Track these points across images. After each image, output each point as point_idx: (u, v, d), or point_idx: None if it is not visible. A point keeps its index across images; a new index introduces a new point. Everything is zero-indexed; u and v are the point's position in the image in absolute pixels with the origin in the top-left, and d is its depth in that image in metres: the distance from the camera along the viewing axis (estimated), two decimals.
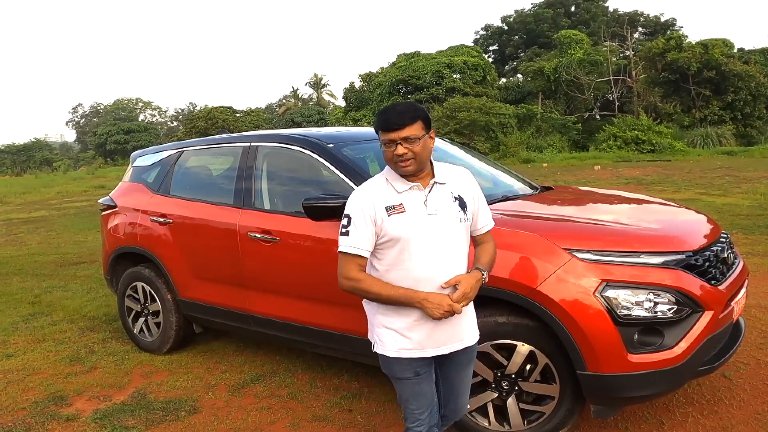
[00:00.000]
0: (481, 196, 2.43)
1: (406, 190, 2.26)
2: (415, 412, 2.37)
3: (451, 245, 2.27)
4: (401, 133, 2.18)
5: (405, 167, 2.22)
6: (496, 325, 2.99)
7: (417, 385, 2.34)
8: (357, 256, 2.24)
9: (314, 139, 3.92)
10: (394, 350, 2.30)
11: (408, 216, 2.23)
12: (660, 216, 3.63)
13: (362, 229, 2.23)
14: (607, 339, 2.74)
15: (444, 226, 2.26)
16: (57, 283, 7.67)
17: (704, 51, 28.71)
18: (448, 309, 2.17)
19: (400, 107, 2.23)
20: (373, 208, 2.23)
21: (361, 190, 2.31)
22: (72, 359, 4.82)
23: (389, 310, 2.28)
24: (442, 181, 2.32)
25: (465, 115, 26.64)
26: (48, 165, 56.53)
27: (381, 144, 2.25)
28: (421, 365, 2.33)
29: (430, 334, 2.27)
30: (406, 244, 2.22)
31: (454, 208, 2.29)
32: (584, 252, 2.85)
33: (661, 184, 14.92)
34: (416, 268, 2.23)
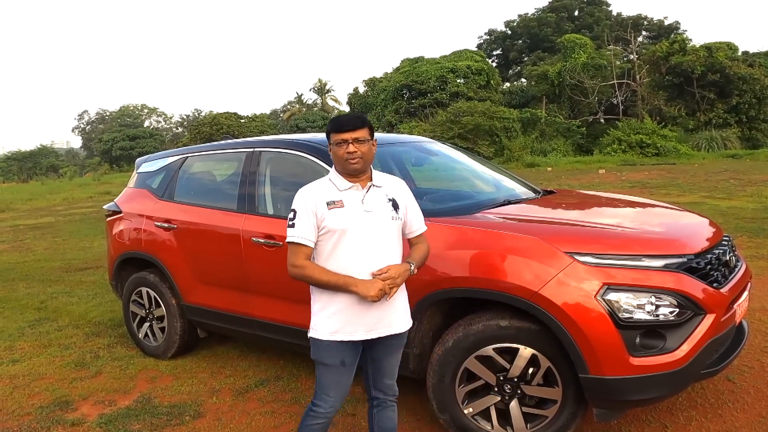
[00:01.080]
0: (415, 204, 2.74)
1: (347, 189, 2.56)
2: (331, 399, 2.62)
3: (382, 240, 2.54)
4: (353, 134, 2.51)
5: (354, 164, 2.52)
6: (498, 328, 3.00)
7: (340, 375, 2.59)
8: (302, 245, 2.51)
9: (317, 144, 3.94)
10: (326, 334, 2.53)
11: (346, 211, 2.51)
12: (662, 219, 3.63)
13: (305, 222, 2.51)
14: (608, 342, 2.74)
15: (377, 223, 2.54)
16: (63, 288, 7.71)
17: (708, 54, 28.66)
18: (381, 288, 2.43)
19: (353, 115, 2.60)
20: (315, 203, 2.52)
21: (307, 188, 2.60)
22: (77, 364, 4.85)
23: (325, 295, 2.54)
24: (379, 185, 2.63)
25: (469, 120, 26.65)
26: (54, 171, 56.84)
27: (332, 146, 2.55)
28: (348, 354, 2.57)
29: (360, 319, 2.51)
30: (342, 236, 2.49)
31: (388, 207, 2.59)
32: (585, 255, 2.86)
33: (666, 187, 14.88)
34: (350, 258, 2.49)
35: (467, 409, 3.14)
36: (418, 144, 4.81)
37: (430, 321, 3.35)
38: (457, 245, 3.13)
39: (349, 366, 2.60)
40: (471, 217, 3.42)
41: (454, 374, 3.11)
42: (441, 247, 3.15)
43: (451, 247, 3.14)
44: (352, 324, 2.51)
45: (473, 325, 3.06)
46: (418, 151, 4.75)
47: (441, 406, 3.19)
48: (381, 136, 5.32)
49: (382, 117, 34.06)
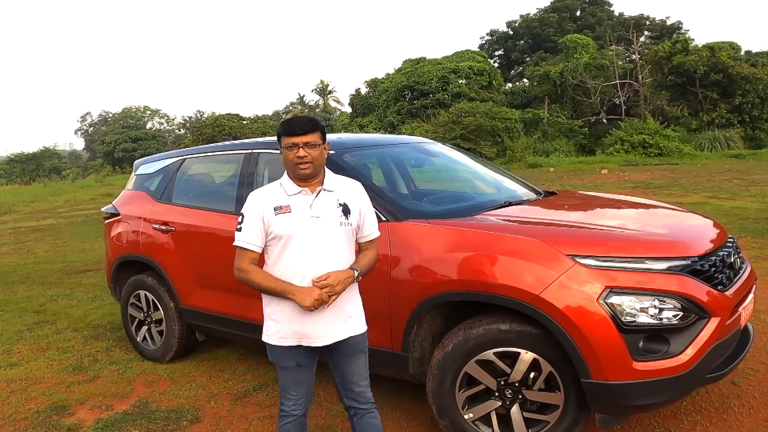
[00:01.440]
0: (370, 208, 2.69)
1: (295, 194, 2.53)
2: (293, 397, 2.64)
3: (329, 246, 2.50)
4: (304, 138, 2.46)
5: (304, 169, 2.48)
6: (498, 332, 2.95)
7: (298, 375, 2.61)
8: (248, 250, 2.51)
9: None
10: (275, 339, 2.55)
11: (293, 216, 2.49)
12: (665, 221, 3.58)
13: (252, 227, 2.50)
14: (611, 346, 2.69)
15: (325, 228, 2.50)
16: (62, 291, 7.68)
17: (711, 54, 28.54)
18: (317, 298, 2.40)
19: (304, 118, 2.54)
20: (263, 208, 2.50)
21: (256, 193, 2.59)
22: (75, 368, 4.81)
23: (272, 301, 2.54)
24: (330, 189, 2.58)
25: (471, 120, 26.58)
26: (57, 173, 56.85)
27: (282, 149, 2.51)
28: (303, 356, 2.58)
29: (305, 326, 2.50)
30: (289, 241, 2.47)
31: (337, 213, 2.54)
32: (587, 258, 2.81)
33: (669, 187, 14.81)
34: (295, 263, 2.47)
35: (467, 415, 3.08)
36: (417, 145, 4.77)
37: (429, 324, 3.30)
38: (456, 248, 3.08)
39: (306, 366, 2.61)
40: (471, 219, 3.38)
41: (454, 379, 3.06)
42: (441, 250, 3.10)
43: (451, 249, 3.09)
44: (298, 331, 2.51)
45: (473, 329, 3.01)
46: (418, 152, 4.71)
47: (441, 411, 3.14)
48: (380, 137, 5.30)
49: (384, 118, 34.02)
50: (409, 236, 3.26)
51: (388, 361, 3.38)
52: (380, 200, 3.46)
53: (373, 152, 4.46)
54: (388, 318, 3.31)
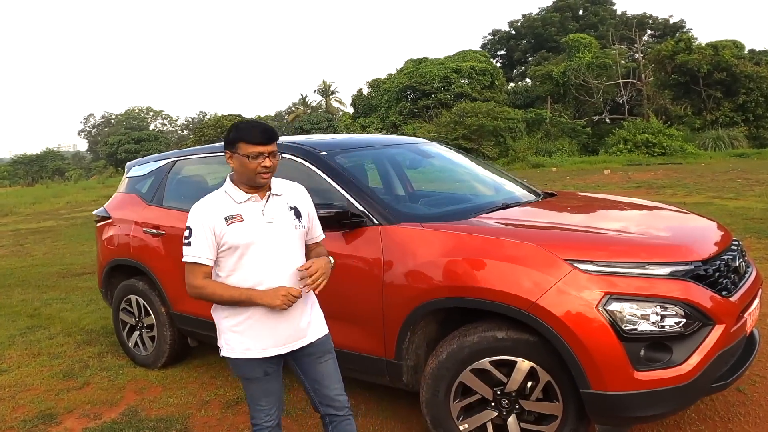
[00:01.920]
0: (314, 210, 2.66)
1: (244, 201, 2.44)
2: (265, 408, 2.55)
3: (286, 251, 2.46)
4: (269, 147, 2.38)
5: (266, 178, 2.42)
6: (494, 340, 2.84)
7: (267, 384, 2.52)
8: (201, 264, 2.39)
9: (306, 146, 3.80)
10: (240, 352, 2.45)
11: (246, 225, 2.40)
12: (667, 223, 3.46)
13: (203, 240, 2.38)
14: (611, 355, 2.57)
15: (280, 233, 2.45)
16: (58, 294, 7.59)
17: (714, 53, 28.36)
18: (285, 294, 2.34)
19: (264, 125, 2.44)
20: (213, 219, 2.39)
21: (201, 203, 2.47)
22: (66, 374, 4.71)
23: (234, 314, 2.43)
24: (278, 193, 2.52)
25: (473, 120, 26.46)
26: (60, 175, 56.90)
27: (240, 156, 2.38)
28: (269, 364, 2.49)
29: (270, 333, 2.43)
30: (245, 251, 2.39)
31: (290, 216, 2.50)
32: (586, 263, 2.69)
33: (672, 187, 14.67)
34: (254, 272, 2.40)
35: (463, 425, 2.97)
36: (413, 146, 4.66)
37: (424, 331, 3.20)
38: (451, 252, 2.97)
39: (274, 374, 2.54)
40: (466, 222, 3.27)
41: (448, 388, 2.96)
42: (434, 255, 3.00)
43: (445, 254, 2.98)
44: (263, 340, 2.44)
45: (468, 337, 2.90)
46: (414, 153, 4.60)
47: (435, 421, 3.03)
48: (375, 137, 5.20)
49: (386, 118, 33.92)
50: (402, 240, 3.15)
51: (381, 369, 3.28)
52: (372, 203, 3.36)
53: (366, 153, 4.36)
54: (380, 324, 3.21)
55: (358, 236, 3.32)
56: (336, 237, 3.37)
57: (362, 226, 3.30)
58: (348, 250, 3.33)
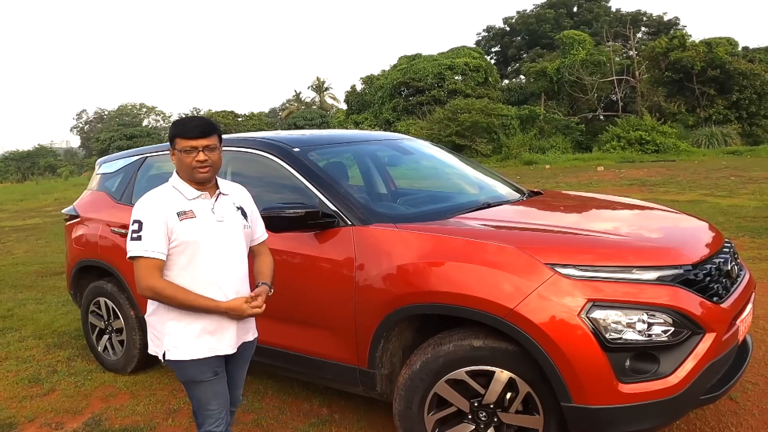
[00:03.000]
0: (257, 211, 2.67)
1: (195, 198, 2.40)
2: (215, 412, 2.48)
3: (235, 250, 2.45)
4: (204, 141, 2.34)
5: (204, 173, 2.37)
6: (471, 349, 2.66)
7: (217, 384, 2.47)
8: (154, 259, 2.29)
9: (278, 142, 3.61)
10: (192, 353, 2.38)
11: (198, 221, 2.36)
12: (656, 224, 3.28)
13: (156, 233, 2.29)
14: (594, 367, 2.40)
15: (230, 232, 2.44)
16: (34, 295, 7.37)
17: (708, 50, 28.28)
18: (250, 314, 2.40)
19: (201, 119, 2.41)
20: (164, 212, 2.32)
21: (150, 196, 2.40)
22: (31, 380, 4.51)
23: (185, 315, 2.36)
24: (226, 192, 2.51)
25: (466, 117, 26.27)
26: (52, 171, 56.50)
27: (177, 152, 2.36)
28: (218, 364, 2.46)
29: (223, 334, 2.42)
30: (197, 249, 2.34)
31: (238, 216, 2.50)
32: (568, 267, 2.52)
33: (665, 185, 14.55)
34: (206, 272, 2.36)
35: None
36: (392, 142, 4.46)
37: (399, 338, 3.02)
38: (425, 255, 2.79)
39: (221, 374, 2.51)
40: (443, 222, 3.09)
41: (422, 400, 2.77)
42: (409, 258, 2.82)
43: (420, 257, 2.79)
44: (215, 340, 2.41)
45: (443, 345, 2.72)
46: (393, 150, 4.41)
47: None
48: (353, 133, 5.00)
49: (380, 115, 33.70)
50: (376, 242, 2.97)
51: (354, 378, 3.10)
52: (345, 202, 3.18)
53: (343, 149, 4.17)
54: (352, 331, 3.03)
55: (330, 237, 3.13)
56: (307, 238, 3.19)
57: (334, 226, 3.12)
58: (319, 252, 3.15)
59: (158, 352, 2.46)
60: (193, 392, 2.48)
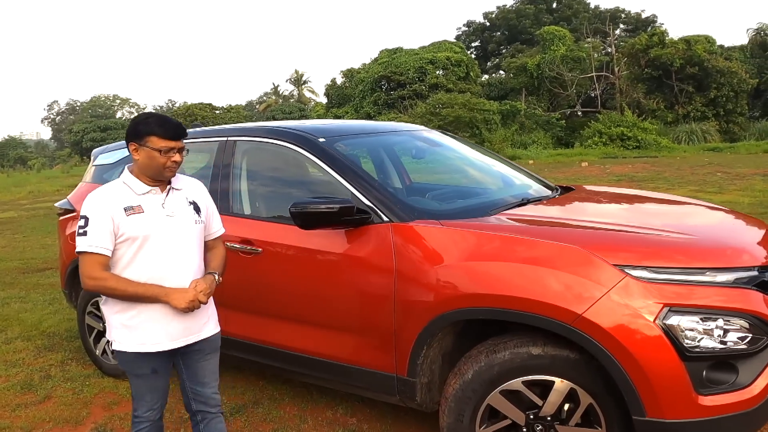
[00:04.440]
0: (213, 205, 2.68)
1: (145, 193, 2.41)
2: (149, 402, 2.53)
3: (186, 245, 2.45)
4: (180, 143, 2.40)
5: (173, 173, 2.44)
6: (529, 357, 2.45)
7: (155, 381, 2.50)
8: (99, 255, 2.31)
9: (302, 132, 3.36)
10: (132, 346, 2.41)
11: (146, 216, 2.37)
12: (719, 223, 3.11)
13: (101, 229, 2.31)
14: (672, 377, 2.21)
15: (180, 227, 2.44)
16: (17, 293, 7.00)
17: (687, 47, 28.51)
18: (192, 298, 2.35)
19: (176, 120, 2.44)
20: (111, 208, 2.33)
21: (98, 192, 2.40)
22: (24, 386, 4.21)
23: (127, 307, 2.39)
24: (178, 187, 2.52)
25: (449, 112, 26.15)
26: (22, 164, 55.12)
27: (149, 149, 2.34)
28: (158, 362, 2.47)
29: (165, 329, 2.41)
30: (144, 243, 2.36)
31: (190, 211, 2.50)
32: (639, 269, 2.32)
33: (654, 181, 14.55)
34: (152, 266, 2.37)
35: None
36: (416, 133, 4.21)
37: (440, 344, 2.80)
38: (479, 255, 2.58)
39: (162, 372, 2.51)
40: (487, 219, 2.87)
41: (474, 412, 2.56)
42: (458, 258, 2.60)
43: (472, 257, 2.58)
44: (158, 334, 2.41)
45: (498, 353, 2.51)
46: (418, 141, 4.16)
47: None
48: (374, 124, 4.75)
49: (361, 108, 33.41)
50: (418, 240, 2.74)
51: (391, 387, 2.87)
52: (381, 196, 2.94)
53: (366, 141, 3.94)
54: (390, 336, 2.81)
55: (363, 235, 2.90)
56: (337, 235, 2.96)
57: (369, 223, 2.89)
58: (352, 251, 2.92)
59: (109, 339, 2.51)
60: (131, 381, 2.54)
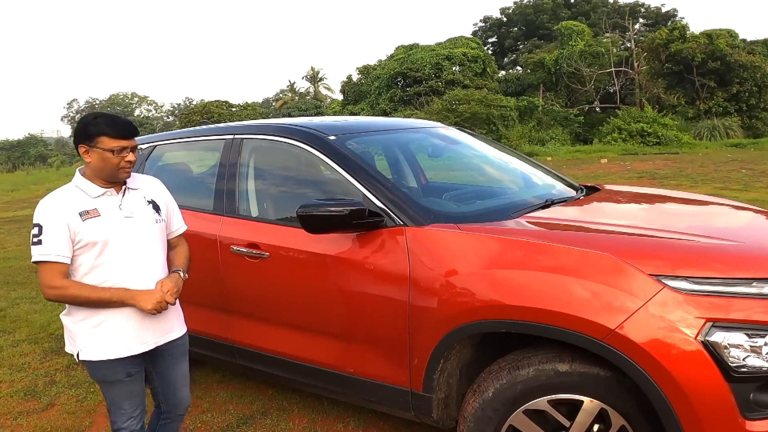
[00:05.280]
0: (174, 202, 2.65)
1: (100, 196, 2.35)
2: (128, 410, 2.43)
3: (148, 246, 2.40)
4: (132, 142, 2.34)
5: (128, 174, 2.38)
6: (555, 374, 2.25)
7: (131, 385, 2.42)
8: (56, 263, 2.25)
9: (312, 130, 3.18)
10: (104, 354, 2.34)
11: (103, 220, 2.31)
12: (761, 227, 2.87)
13: (56, 236, 2.25)
14: (716, 400, 2.00)
15: (141, 228, 2.39)
16: (28, 293, 6.91)
17: (709, 41, 27.92)
18: (159, 299, 2.30)
19: (125, 118, 2.40)
20: (65, 214, 2.27)
21: (50, 198, 2.34)
22: (27, 392, 4.08)
23: (93, 313, 2.32)
24: (135, 187, 2.46)
25: (465, 108, 25.85)
26: (43, 161, 55.72)
27: (100, 150, 2.29)
28: (133, 365, 2.40)
29: (137, 332, 2.36)
30: (104, 247, 2.29)
31: (149, 210, 2.45)
32: (678, 279, 2.10)
33: (676, 178, 14.20)
34: (115, 270, 2.31)
35: None
36: (433, 130, 4.00)
37: (457, 356, 2.60)
38: (501, 263, 2.37)
39: (137, 376, 2.44)
40: (509, 222, 2.67)
41: None
42: (480, 265, 2.40)
43: (494, 264, 2.38)
44: (127, 339, 2.35)
45: (521, 370, 2.31)
46: (435, 138, 3.95)
47: None
48: (388, 121, 4.55)
49: (376, 105, 33.21)
50: (435, 246, 2.54)
51: (405, 402, 2.69)
52: (395, 198, 2.75)
53: (379, 138, 3.74)
54: (405, 348, 2.62)
55: (375, 240, 2.71)
56: (347, 240, 2.77)
57: (381, 227, 2.70)
58: (361, 257, 2.73)
59: (73, 351, 2.41)
60: (106, 392, 2.45)
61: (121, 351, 2.34)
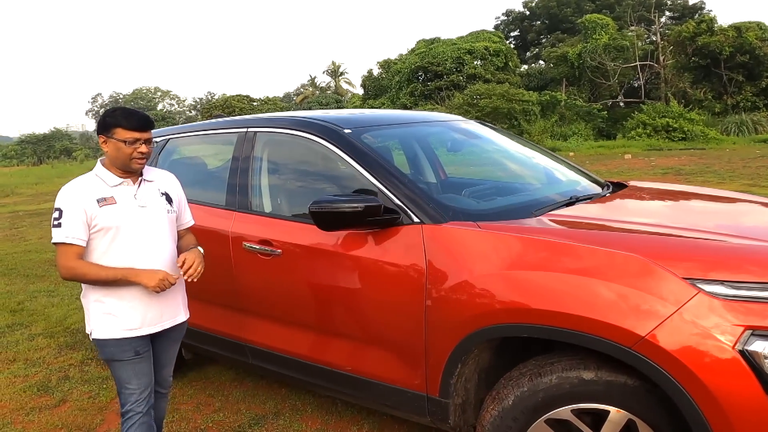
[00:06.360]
0: (184, 198, 2.77)
1: (117, 185, 2.47)
2: (135, 391, 2.51)
3: (158, 234, 2.52)
4: (146, 134, 2.44)
5: (140, 164, 2.47)
6: (579, 383, 2.12)
7: (138, 364, 2.50)
8: (73, 245, 2.37)
9: (326, 123, 3.07)
10: (114, 332, 2.44)
11: (119, 207, 2.43)
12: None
13: (75, 220, 2.37)
14: (754, 414, 1.85)
15: (153, 217, 2.52)
16: (46, 286, 6.92)
17: (737, 34, 27.26)
18: (162, 278, 2.39)
19: (142, 112, 2.50)
20: (84, 200, 2.39)
21: (71, 185, 2.45)
22: (40, 388, 4.05)
23: (107, 294, 2.43)
24: (150, 179, 2.59)
25: (487, 102, 25.60)
26: (68, 155, 56.48)
27: (116, 141, 2.40)
28: (141, 344, 2.50)
29: (146, 313, 2.48)
30: (117, 233, 2.41)
31: (162, 201, 2.58)
32: (714, 283, 1.96)
33: (702, 174, 13.87)
34: (126, 255, 2.42)
35: None
36: (452, 123, 3.86)
37: (476, 360, 2.49)
38: (523, 263, 2.25)
39: (144, 354, 2.53)
40: (531, 221, 2.55)
41: None
42: (500, 266, 2.27)
43: (515, 265, 2.25)
44: (136, 319, 2.46)
45: (543, 377, 2.19)
46: (455, 132, 3.82)
47: None
48: (405, 114, 4.44)
49: (397, 100, 33.04)
50: (454, 245, 2.43)
51: (421, 408, 2.58)
52: (412, 194, 2.63)
53: (396, 132, 3.63)
54: (421, 352, 2.51)
55: (391, 237, 2.60)
56: (361, 237, 2.66)
57: (398, 224, 2.59)
58: (376, 255, 2.62)
59: (89, 330, 2.52)
60: (114, 371, 2.53)
61: (131, 331, 2.45)
